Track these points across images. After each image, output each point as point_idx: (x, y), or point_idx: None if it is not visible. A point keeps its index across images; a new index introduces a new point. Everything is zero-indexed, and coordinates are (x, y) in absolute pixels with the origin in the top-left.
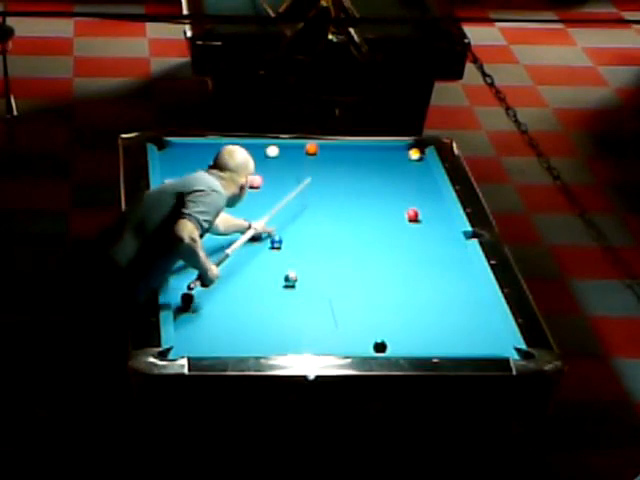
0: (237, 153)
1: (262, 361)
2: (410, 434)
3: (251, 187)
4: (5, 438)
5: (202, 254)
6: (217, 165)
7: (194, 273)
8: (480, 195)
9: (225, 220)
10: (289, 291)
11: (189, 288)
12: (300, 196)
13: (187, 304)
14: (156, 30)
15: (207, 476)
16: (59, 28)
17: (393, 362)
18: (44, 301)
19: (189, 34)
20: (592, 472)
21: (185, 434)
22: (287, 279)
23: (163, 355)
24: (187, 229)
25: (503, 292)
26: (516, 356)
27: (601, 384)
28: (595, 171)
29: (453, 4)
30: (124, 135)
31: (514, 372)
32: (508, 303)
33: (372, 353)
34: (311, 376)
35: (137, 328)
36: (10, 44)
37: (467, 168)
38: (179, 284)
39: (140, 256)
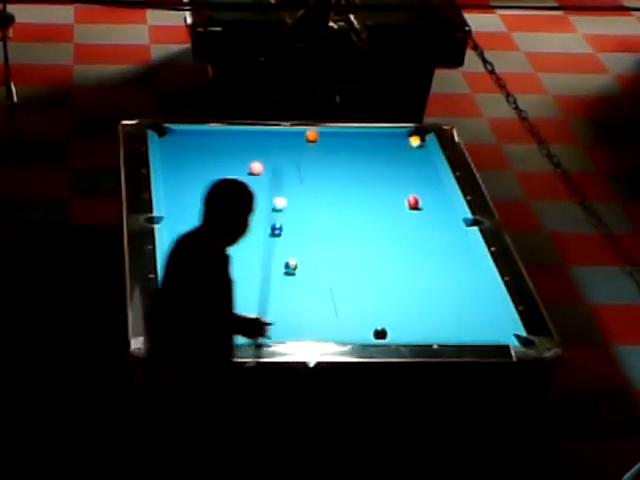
0: (230, 192)
1: (262, 348)
2: (411, 420)
3: (252, 174)
4: (6, 426)
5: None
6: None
7: None
8: (480, 182)
9: None
10: (289, 278)
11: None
12: (301, 183)
13: None
14: (156, 17)
15: (207, 461)
16: (59, 15)
17: (393, 349)
18: (43, 288)
19: (189, 21)
20: (592, 459)
21: (185, 420)
22: (287, 266)
23: None
24: None
25: (503, 279)
26: (516, 343)
27: (601, 371)
28: (595, 158)
29: None
30: (124, 122)
31: (514, 359)
32: (508, 290)
33: (372, 340)
34: (311, 363)
35: (137, 315)
36: (10, 31)
37: (467, 155)
38: None
39: None
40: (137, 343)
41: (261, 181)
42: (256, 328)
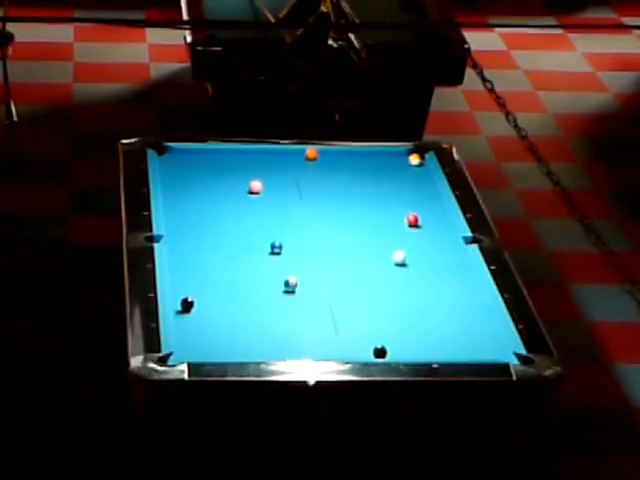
0: None
1: (262, 367)
2: (410, 440)
3: (251, 192)
4: (6, 445)
5: None
6: None
7: (192, 281)
8: (480, 200)
9: None
10: (289, 296)
11: None
12: (301, 201)
13: (187, 309)
14: (156, 35)
15: None
16: (59, 34)
17: (393, 368)
18: (43, 307)
19: (189, 39)
20: (592, 476)
21: (185, 439)
22: (287, 284)
23: (163, 361)
24: None
25: (503, 297)
26: (516, 361)
27: (601, 389)
28: (594, 176)
29: (453, 10)
30: (124, 141)
31: (514, 377)
32: (508, 308)
33: (372, 359)
34: (311, 382)
35: (137, 334)
36: (10, 50)
37: (467, 173)
38: (179, 289)
39: None
40: (137, 362)
41: (260, 201)
42: None
